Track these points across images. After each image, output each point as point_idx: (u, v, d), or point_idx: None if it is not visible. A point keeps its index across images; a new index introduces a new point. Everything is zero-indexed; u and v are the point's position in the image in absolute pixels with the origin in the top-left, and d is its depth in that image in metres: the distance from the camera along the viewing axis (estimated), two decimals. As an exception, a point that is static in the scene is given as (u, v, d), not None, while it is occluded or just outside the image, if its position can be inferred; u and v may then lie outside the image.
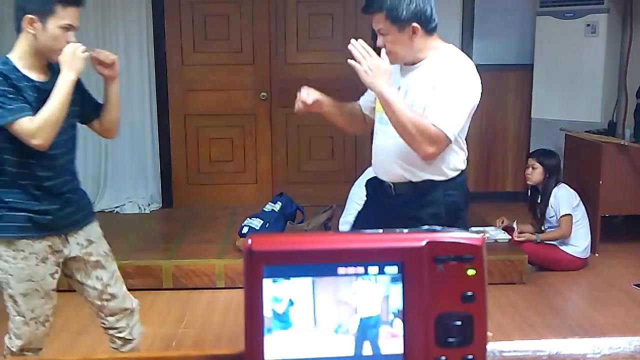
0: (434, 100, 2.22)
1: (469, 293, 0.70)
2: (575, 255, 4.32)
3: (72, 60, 2.17)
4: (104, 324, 2.54)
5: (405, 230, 0.71)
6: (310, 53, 5.64)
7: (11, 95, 2.12)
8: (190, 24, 5.53)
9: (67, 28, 2.17)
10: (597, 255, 4.53)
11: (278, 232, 4.43)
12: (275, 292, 0.69)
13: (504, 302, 3.81)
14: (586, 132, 4.91)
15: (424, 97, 2.24)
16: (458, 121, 2.23)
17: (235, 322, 3.48)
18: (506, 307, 3.77)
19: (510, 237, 4.41)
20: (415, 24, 2.24)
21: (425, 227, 0.72)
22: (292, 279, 0.69)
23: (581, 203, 4.37)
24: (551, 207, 4.33)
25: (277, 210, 4.63)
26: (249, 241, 0.68)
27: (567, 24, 5.27)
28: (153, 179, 5.66)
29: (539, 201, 4.41)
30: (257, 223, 4.50)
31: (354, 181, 4.45)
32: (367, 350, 0.71)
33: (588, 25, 5.18)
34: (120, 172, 5.53)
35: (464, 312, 0.70)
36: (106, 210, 5.54)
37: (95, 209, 5.55)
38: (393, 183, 2.40)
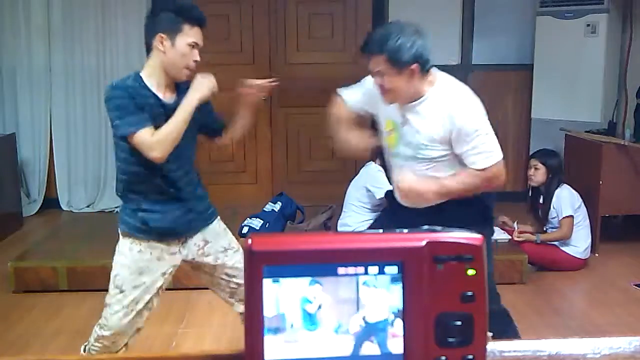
0: (470, 146, 2.34)
1: (469, 293, 0.70)
2: (575, 255, 4.32)
3: (201, 86, 2.35)
4: (235, 310, 2.66)
5: (405, 230, 0.71)
6: (310, 53, 5.64)
7: (130, 109, 2.26)
8: (190, 24, 5.53)
9: (193, 46, 2.37)
10: (597, 255, 4.53)
11: (278, 232, 4.43)
12: (276, 292, 0.69)
13: (504, 302, 3.80)
14: (586, 132, 4.91)
15: (431, 131, 2.38)
16: (496, 146, 2.38)
17: (235, 322, 3.47)
18: (506, 307, 3.76)
19: (510, 237, 4.41)
20: (414, 66, 2.29)
21: (425, 227, 0.72)
22: (292, 279, 0.69)
23: (583, 204, 4.37)
24: (553, 207, 4.31)
25: (277, 210, 4.63)
26: (249, 241, 0.68)
27: (567, 24, 5.27)
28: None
29: (541, 202, 4.40)
30: (257, 223, 4.50)
31: (349, 183, 4.45)
32: (367, 350, 0.71)
33: (588, 25, 5.18)
34: (120, 172, 5.54)
35: (464, 312, 0.70)
36: (106, 210, 5.54)
37: (95, 209, 5.64)
38: (426, 209, 2.48)
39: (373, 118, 2.70)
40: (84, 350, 2.52)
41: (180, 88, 2.41)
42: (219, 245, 2.55)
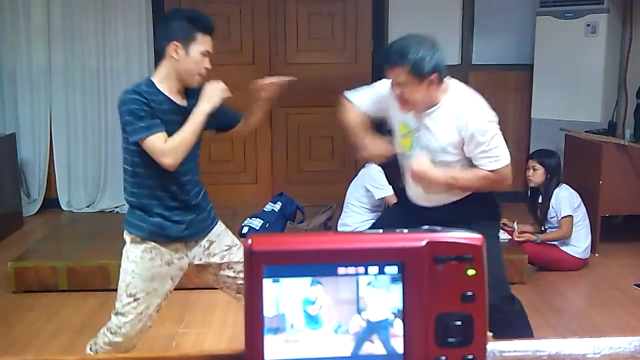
0: (480, 149, 2.48)
1: (469, 293, 0.69)
2: (575, 255, 4.32)
3: (212, 95, 2.40)
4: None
5: (406, 230, 0.71)
6: (310, 53, 5.64)
7: (143, 114, 2.28)
8: (190, 24, 5.54)
9: (205, 54, 2.40)
10: (597, 255, 4.53)
11: (278, 232, 4.43)
12: (276, 292, 0.69)
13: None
14: (586, 132, 4.91)
15: (446, 137, 2.49)
16: (505, 150, 2.51)
17: (235, 322, 3.48)
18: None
19: (510, 237, 4.41)
20: (433, 77, 2.42)
21: (425, 227, 0.72)
22: (293, 279, 0.69)
23: (582, 204, 4.37)
24: (552, 207, 4.31)
25: (277, 210, 4.63)
26: (249, 241, 0.68)
27: (567, 24, 5.27)
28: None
29: (540, 202, 4.40)
30: (257, 223, 4.51)
31: (349, 183, 4.45)
32: (367, 350, 0.71)
33: (588, 25, 5.18)
34: (121, 172, 5.50)
35: (464, 312, 0.70)
36: (106, 210, 5.54)
37: (96, 209, 5.64)
38: (438, 206, 2.63)
39: (377, 120, 2.77)
40: (90, 350, 2.53)
41: (189, 92, 2.46)
42: (223, 245, 2.59)
